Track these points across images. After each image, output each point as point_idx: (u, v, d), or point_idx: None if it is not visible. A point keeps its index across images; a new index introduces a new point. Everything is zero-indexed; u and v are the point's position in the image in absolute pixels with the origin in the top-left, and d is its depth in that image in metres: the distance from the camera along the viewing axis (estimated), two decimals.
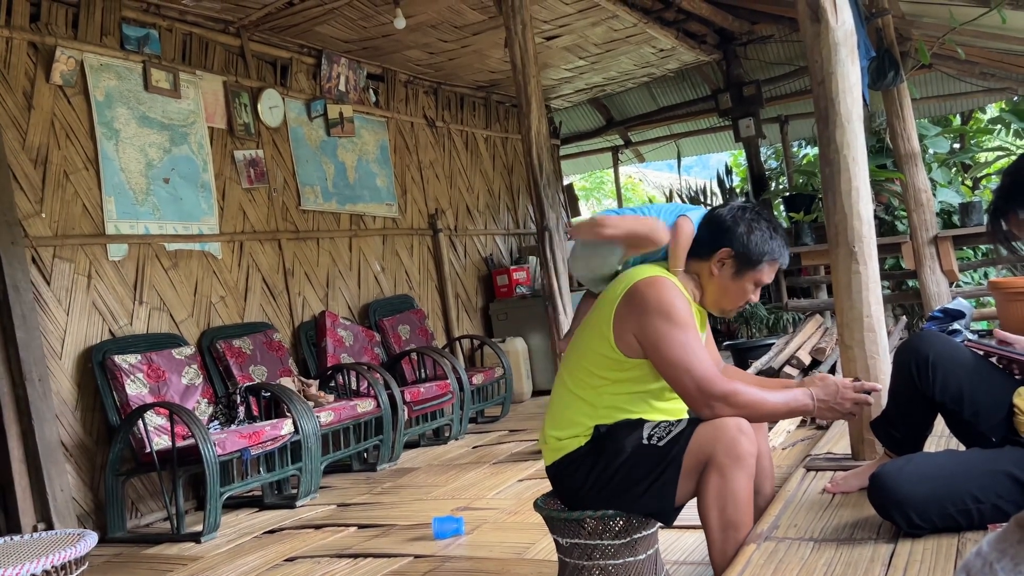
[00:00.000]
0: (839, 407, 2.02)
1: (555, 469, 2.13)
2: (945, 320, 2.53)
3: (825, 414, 2.05)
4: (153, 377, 4.32)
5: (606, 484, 2.02)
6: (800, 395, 2.02)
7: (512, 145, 8.43)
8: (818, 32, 2.70)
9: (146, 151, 4.77)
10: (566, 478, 2.10)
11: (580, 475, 2.05)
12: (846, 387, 2.03)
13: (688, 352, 1.96)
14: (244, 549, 3.61)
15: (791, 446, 3.85)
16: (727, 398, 1.94)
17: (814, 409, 2.02)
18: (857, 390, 2.04)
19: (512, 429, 5.75)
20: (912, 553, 1.86)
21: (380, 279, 6.44)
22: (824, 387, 2.03)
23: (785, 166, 9.32)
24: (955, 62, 6.96)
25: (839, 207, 2.71)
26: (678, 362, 1.96)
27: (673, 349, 1.96)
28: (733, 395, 1.94)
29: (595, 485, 2.03)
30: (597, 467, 2.02)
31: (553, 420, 2.15)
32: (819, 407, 2.01)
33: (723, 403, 1.94)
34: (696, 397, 1.96)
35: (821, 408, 2.02)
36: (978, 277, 6.88)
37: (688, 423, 2.00)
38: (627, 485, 2.00)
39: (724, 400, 1.94)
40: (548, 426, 2.15)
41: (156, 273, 4.73)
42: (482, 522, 3.50)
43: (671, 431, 1.99)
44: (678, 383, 1.99)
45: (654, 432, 2.00)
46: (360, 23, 5.64)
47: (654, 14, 6.64)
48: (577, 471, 2.06)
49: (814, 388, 2.03)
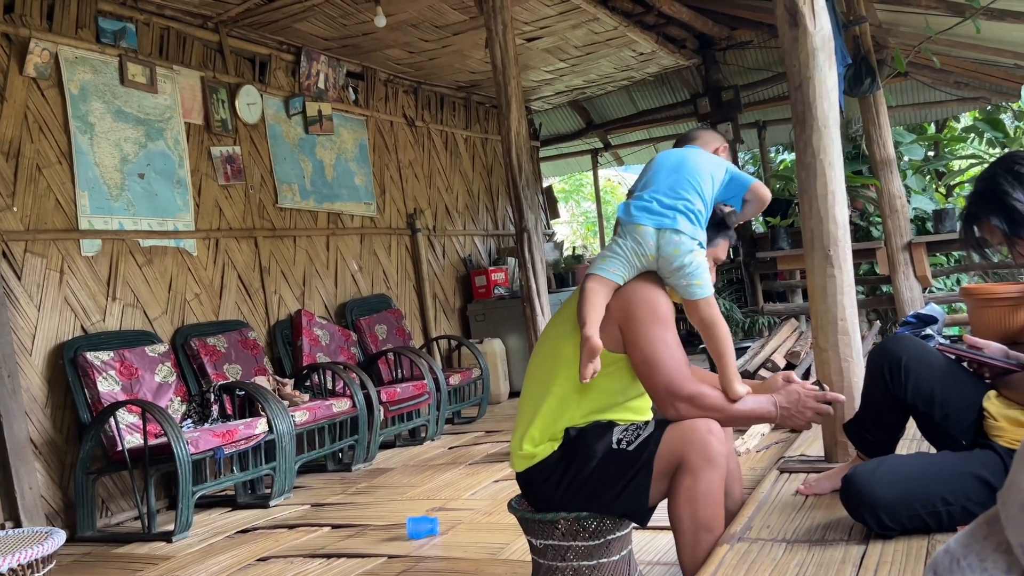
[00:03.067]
0: (800, 415, 2.04)
1: (527, 475, 2.11)
2: (918, 325, 2.56)
3: (787, 422, 2.06)
4: (126, 374, 4.27)
5: (579, 490, 2.02)
6: (764, 402, 2.03)
7: (492, 146, 8.42)
8: (796, 37, 2.73)
9: (121, 146, 4.71)
10: (539, 484, 2.08)
11: (552, 481, 2.05)
12: (808, 395, 2.04)
13: (664, 350, 1.97)
14: (216, 549, 3.58)
15: (765, 448, 3.87)
16: (693, 400, 1.96)
17: (777, 416, 2.03)
18: (819, 399, 2.05)
19: (489, 430, 5.74)
20: (883, 554, 1.88)
21: (357, 278, 6.40)
22: (787, 395, 2.05)
23: (763, 171, 9.39)
24: (931, 71, 7.05)
25: (815, 211, 2.73)
26: (652, 358, 1.97)
27: (650, 345, 1.98)
28: (700, 397, 1.96)
29: (568, 489, 2.03)
30: (568, 473, 2.02)
31: (525, 423, 2.11)
32: (782, 414, 2.03)
33: (689, 404, 1.95)
34: (663, 396, 1.98)
35: (783, 416, 2.04)
36: (951, 283, 6.97)
37: (656, 425, 2.01)
38: (600, 490, 2.00)
39: (690, 402, 1.95)
40: (520, 429, 2.12)
41: (130, 269, 4.68)
42: (457, 522, 3.49)
43: (640, 435, 1.99)
44: (648, 379, 2.00)
45: (623, 436, 2.01)
46: (340, 21, 5.62)
47: (634, 18, 6.67)
48: (549, 478, 2.05)
49: (778, 396, 2.05)
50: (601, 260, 2.09)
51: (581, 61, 7.39)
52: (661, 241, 2.04)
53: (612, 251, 2.08)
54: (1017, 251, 2.02)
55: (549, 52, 6.98)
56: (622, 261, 2.06)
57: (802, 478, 2.66)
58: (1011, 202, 1.95)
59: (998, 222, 1.99)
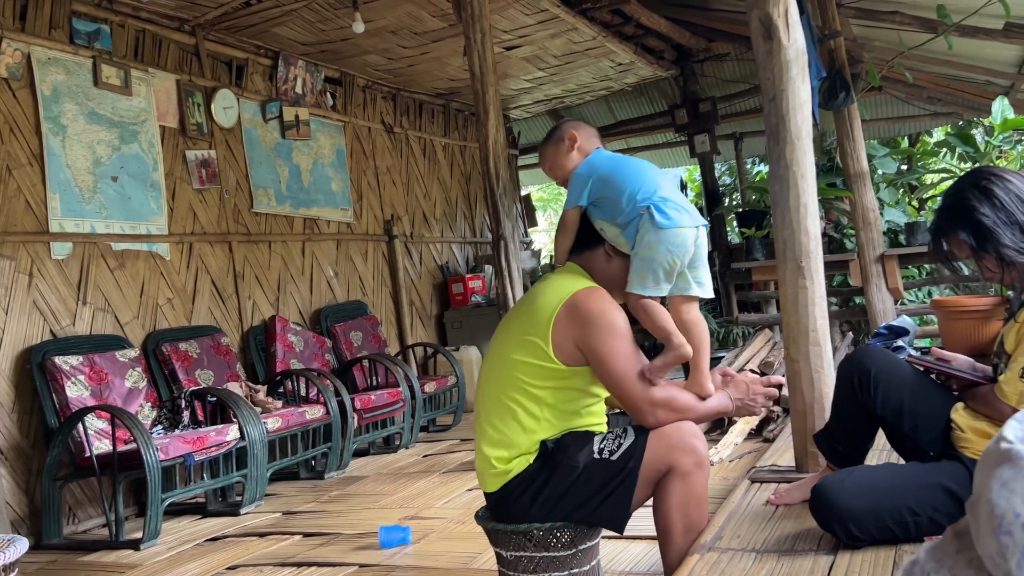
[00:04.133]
0: (753, 403, 2.14)
1: (502, 493, 2.07)
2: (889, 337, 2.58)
3: (743, 412, 2.17)
4: (95, 379, 4.21)
5: (560, 500, 2.01)
6: (722, 397, 2.13)
7: (470, 153, 8.42)
8: (770, 50, 2.75)
9: (94, 148, 4.66)
10: (514, 500, 2.05)
11: (530, 494, 2.02)
12: (755, 383, 2.15)
13: (631, 363, 2.00)
14: (184, 557, 3.53)
15: (738, 458, 3.89)
16: (668, 404, 2.01)
17: (733, 409, 2.14)
18: (764, 384, 2.16)
19: (464, 438, 5.72)
20: (851, 565, 1.89)
21: (333, 284, 6.37)
22: (736, 387, 2.15)
23: (738, 182, 9.48)
24: (904, 86, 7.15)
25: (788, 222, 2.75)
26: (622, 374, 2.00)
27: (618, 361, 1.99)
28: (673, 400, 2.02)
29: (547, 502, 2.01)
30: (550, 484, 2.01)
31: (491, 441, 2.08)
32: (737, 406, 2.14)
33: (665, 409, 2.01)
34: (640, 406, 2.01)
35: (739, 407, 2.14)
36: (922, 295, 7.05)
37: (636, 434, 2.02)
38: (582, 500, 2.00)
39: (666, 406, 2.01)
40: (488, 448, 2.08)
41: (101, 273, 4.62)
42: (430, 531, 3.47)
43: (621, 444, 2.00)
44: (622, 393, 2.02)
45: (604, 445, 2.02)
46: (318, 26, 5.60)
47: (613, 28, 6.70)
48: (526, 491, 2.03)
49: (730, 389, 2.15)
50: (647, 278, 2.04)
51: (560, 70, 7.42)
52: (700, 239, 2.06)
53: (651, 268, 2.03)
54: (984, 265, 2.05)
55: (528, 61, 7.00)
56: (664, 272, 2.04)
57: (773, 488, 2.67)
58: (978, 217, 1.98)
59: (965, 236, 2.01)
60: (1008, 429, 0.86)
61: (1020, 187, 1.98)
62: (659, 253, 2.01)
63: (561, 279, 2.12)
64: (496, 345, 2.17)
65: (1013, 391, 1.90)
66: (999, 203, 1.96)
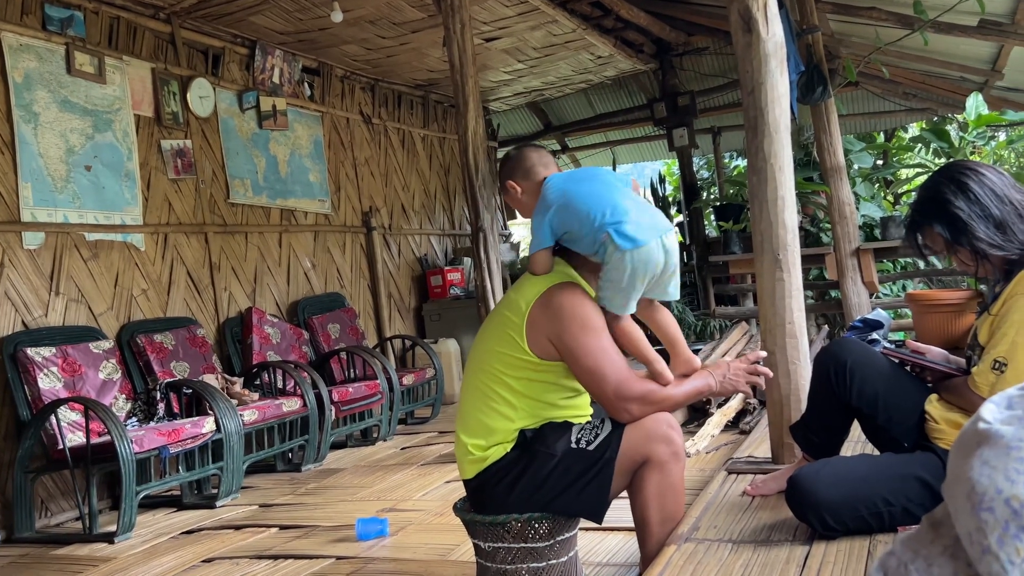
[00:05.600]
0: (737, 380, 2.14)
1: (479, 480, 2.09)
2: (864, 330, 2.61)
3: (727, 388, 2.16)
4: (68, 371, 4.16)
5: (537, 489, 2.02)
6: (702, 379, 2.13)
7: (449, 145, 8.39)
8: (749, 43, 2.76)
9: (67, 137, 4.59)
10: (492, 488, 2.06)
11: (507, 482, 2.04)
12: (735, 361, 2.17)
13: (604, 358, 2.00)
14: (160, 550, 3.50)
15: (715, 449, 3.91)
16: (643, 399, 2.01)
17: (717, 387, 2.13)
18: (746, 362, 2.16)
19: (442, 430, 5.71)
20: (826, 555, 1.91)
21: (310, 276, 6.33)
22: (717, 367, 2.16)
23: (717, 176, 9.52)
24: (880, 81, 7.21)
25: (765, 215, 2.76)
26: (595, 369, 2.00)
27: (590, 356, 2.00)
28: (649, 395, 2.02)
29: (524, 491, 2.02)
30: (528, 473, 2.02)
31: (470, 429, 2.10)
32: (721, 383, 2.13)
33: (639, 404, 2.01)
34: (614, 402, 2.01)
35: (722, 385, 2.14)
36: (897, 289, 7.13)
37: (613, 424, 2.03)
38: (560, 489, 2.01)
39: (640, 401, 2.01)
40: (465, 436, 2.10)
41: (74, 263, 4.56)
42: (407, 523, 3.46)
43: (598, 434, 2.02)
44: (596, 388, 2.03)
45: (582, 436, 2.03)
46: (296, 15, 5.55)
47: (593, 21, 6.70)
48: (504, 479, 2.04)
49: (711, 369, 2.16)
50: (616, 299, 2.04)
51: (539, 63, 7.41)
52: (668, 246, 2.03)
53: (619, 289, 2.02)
54: (958, 258, 2.07)
55: (508, 53, 6.98)
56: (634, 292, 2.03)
57: (750, 479, 2.69)
58: (953, 210, 2.00)
59: (941, 229, 2.04)
60: (985, 411, 0.87)
61: (995, 181, 2.00)
62: (626, 275, 1.99)
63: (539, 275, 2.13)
64: (481, 335, 2.20)
65: (985, 382, 1.93)
66: (974, 197, 1.98)
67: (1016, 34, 5.20)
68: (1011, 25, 5.16)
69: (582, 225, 2.02)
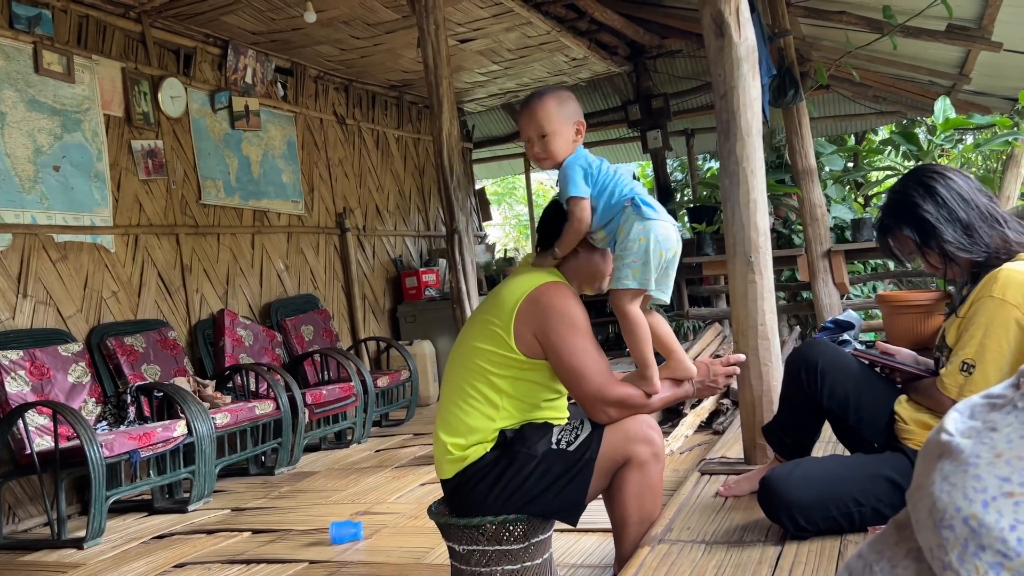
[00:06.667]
0: (714, 383, 2.17)
1: (457, 480, 2.08)
2: (835, 331, 2.63)
3: (705, 393, 2.20)
4: (36, 375, 4.10)
5: (517, 489, 2.01)
6: (680, 385, 2.14)
7: (424, 146, 8.37)
8: (722, 47, 2.78)
9: (35, 137, 4.52)
10: (470, 488, 2.06)
11: (487, 483, 2.03)
12: (714, 364, 2.18)
13: (587, 359, 2.01)
14: (130, 555, 3.46)
15: (688, 450, 3.93)
16: (621, 402, 2.03)
17: (694, 391, 2.16)
18: (724, 364, 2.18)
19: (417, 433, 5.69)
20: (797, 555, 1.93)
21: (283, 278, 6.28)
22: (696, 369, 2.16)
23: (690, 178, 9.57)
24: (850, 84, 7.30)
25: (737, 218, 2.78)
26: (577, 368, 2.01)
27: (574, 356, 2.00)
28: (627, 399, 2.03)
29: (503, 491, 2.02)
30: (507, 473, 2.02)
31: (450, 427, 2.09)
32: (698, 388, 2.16)
33: (617, 407, 2.02)
34: (593, 403, 2.03)
35: (700, 389, 2.16)
36: (867, 290, 7.21)
37: (593, 425, 2.04)
38: (539, 489, 2.01)
39: (619, 405, 2.02)
40: (445, 434, 2.09)
41: (43, 265, 4.49)
42: (382, 527, 3.45)
43: (578, 435, 2.03)
44: (576, 388, 2.04)
45: (562, 436, 2.04)
46: (269, 15, 5.50)
47: (567, 23, 6.72)
48: (483, 479, 2.04)
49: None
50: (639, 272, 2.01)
51: (514, 64, 7.41)
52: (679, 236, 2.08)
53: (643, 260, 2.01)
54: (928, 260, 2.10)
55: (482, 54, 6.98)
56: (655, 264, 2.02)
57: (723, 480, 2.71)
58: (922, 213, 2.03)
59: (910, 232, 2.06)
60: (948, 420, 0.88)
61: (962, 185, 2.03)
62: (649, 244, 1.99)
63: (530, 272, 2.14)
64: (463, 334, 2.19)
65: (953, 384, 1.95)
66: (942, 200, 2.02)
67: (983, 39, 5.29)
68: (978, 30, 5.25)
69: (605, 190, 2.06)
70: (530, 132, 2.16)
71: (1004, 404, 0.86)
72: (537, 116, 2.14)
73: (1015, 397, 0.86)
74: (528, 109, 2.16)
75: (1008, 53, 5.46)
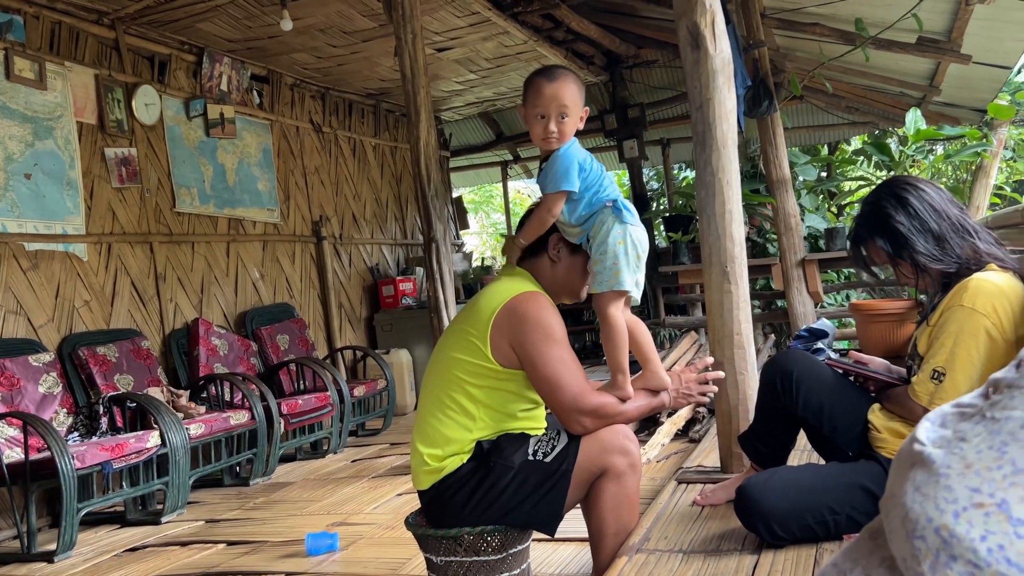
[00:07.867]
0: (689, 392, 2.18)
1: (434, 491, 2.07)
2: (810, 339, 2.65)
3: (680, 403, 2.20)
4: (6, 385, 4.03)
5: (494, 501, 2.01)
6: (656, 395, 2.15)
7: (401, 155, 8.36)
8: (698, 59, 2.80)
9: (5, 144, 4.46)
10: (447, 499, 2.05)
11: (463, 494, 2.02)
12: (686, 374, 2.20)
13: (563, 369, 2.01)
14: (102, 568, 3.41)
15: (665, 459, 3.95)
16: (596, 412, 2.02)
17: (670, 401, 2.17)
18: (698, 375, 2.20)
19: (393, 442, 5.67)
20: (773, 564, 1.94)
21: (259, 286, 6.24)
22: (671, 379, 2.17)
23: (666, 187, 9.63)
24: (824, 95, 7.38)
25: (713, 228, 2.81)
26: (553, 378, 2.01)
27: (549, 365, 2.00)
28: (602, 408, 2.03)
29: (481, 503, 2.01)
30: (484, 485, 2.01)
31: (427, 438, 2.09)
32: (673, 397, 2.17)
33: (592, 417, 2.02)
34: (569, 413, 2.02)
35: (675, 399, 2.18)
36: (840, 299, 7.28)
37: (569, 436, 2.04)
38: (517, 501, 2.01)
39: (593, 415, 2.02)
40: (422, 445, 2.09)
41: (13, 274, 4.43)
42: (358, 537, 3.42)
43: (555, 446, 2.03)
44: (552, 398, 2.04)
45: (539, 447, 2.03)
46: (245, 22, 5.48)
47: (544, 33, 6.75)
48: (460, 490, 2.03)
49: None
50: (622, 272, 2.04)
51: (491, 73, 7.43)
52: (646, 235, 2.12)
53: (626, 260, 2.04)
54: (900, 271, 2.13)
55: (460, 63, 6.99)
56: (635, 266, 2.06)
57: (699, 489, 2.72)
58: (894, 224, 2.05)
59: (882, 243, 2.09)
60: (921, 430, 0.89)
61: (934, 197, 2.06)
62: (627, 246, 2.05)
63: (507, 282, 2.14)
64: (441, 343, 2.19)
65: (925, 392, 1.98)
66: (913, 211, 2.04)
67: (952, 51, 5.38)
68: (947, 43, 5.34)
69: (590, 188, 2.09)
70: (551, 108, 2.06)
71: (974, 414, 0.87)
72: (562, 93, 2.06)
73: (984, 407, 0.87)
74: (554, 83, 2.06)
75: (977, 65, 5.56)
